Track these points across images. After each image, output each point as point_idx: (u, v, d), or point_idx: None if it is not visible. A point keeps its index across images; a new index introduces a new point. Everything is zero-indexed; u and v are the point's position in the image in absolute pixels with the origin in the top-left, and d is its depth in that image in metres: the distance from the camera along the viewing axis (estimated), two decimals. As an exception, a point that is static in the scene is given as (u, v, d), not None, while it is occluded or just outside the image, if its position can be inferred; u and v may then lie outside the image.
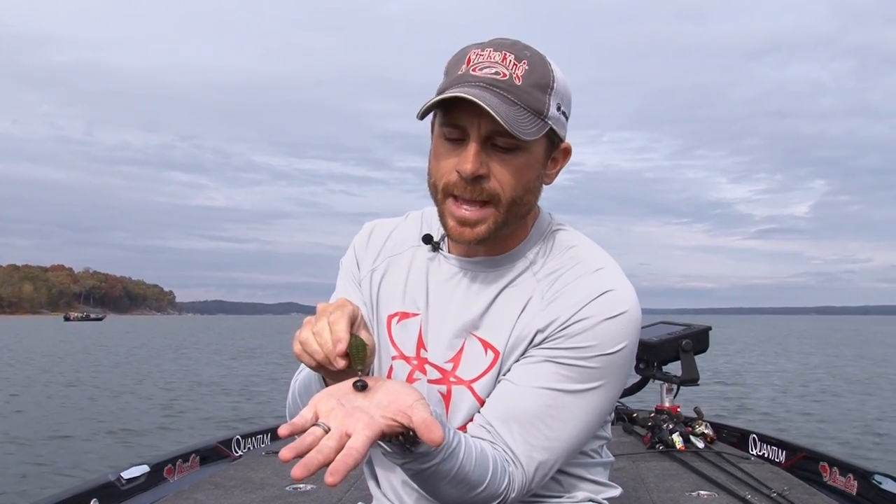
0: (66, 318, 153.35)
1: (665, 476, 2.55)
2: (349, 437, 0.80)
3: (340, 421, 0.82)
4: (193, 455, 2.67)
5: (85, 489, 2.09)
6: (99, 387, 15.22)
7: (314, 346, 0.90)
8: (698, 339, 3.00)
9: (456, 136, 1.03)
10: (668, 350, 3.00)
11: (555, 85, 1.04)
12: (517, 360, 1.08)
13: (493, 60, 1.01)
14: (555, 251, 1.13)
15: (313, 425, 0.83)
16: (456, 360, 1.12)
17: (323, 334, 0.89)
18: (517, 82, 1.00)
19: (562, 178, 1.14)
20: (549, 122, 1.03)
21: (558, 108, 1.05)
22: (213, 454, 2.82)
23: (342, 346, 0.87)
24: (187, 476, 2.58)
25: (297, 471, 0.76)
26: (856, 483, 2.31)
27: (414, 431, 0.84)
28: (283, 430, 0.81)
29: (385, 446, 0.91)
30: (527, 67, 1.01)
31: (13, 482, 6.62)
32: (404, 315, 1.18)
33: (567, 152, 1.13)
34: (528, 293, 1.10)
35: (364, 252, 1.25)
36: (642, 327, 1.12)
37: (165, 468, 2.49)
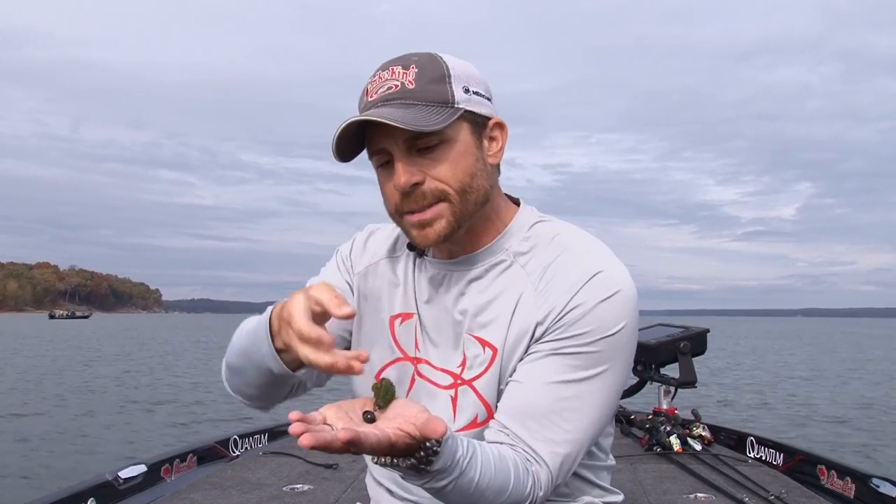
0: (51, 316, 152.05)
1: (662, 478, 2.56)
2: None
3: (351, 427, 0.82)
4: (191, 455, 2.66)
5: (82, 488, 2.08)
6: (95, 385, 15.13)
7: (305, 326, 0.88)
8: (696, 342, 3.00)
9: (384, 159, 1.06)
10: (665, 352, 3.00)
11: (451, 72, 1.06)
12: (521, 359, 1.07)
13: (384, 80, 1.05)
14: (541, 243, 1.13)
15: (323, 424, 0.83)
16: (463, 363, 1.12)
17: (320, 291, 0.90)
18: (410, 87, 1.03)
19: (549, 178, 1.17)
20: (461, 106, 1.05)
21: (466, 91, 1.06)
22: (210, 454, 2.81)
23: (349, 310, 0.87)
24: (184, 476, 2.57)
25: (307, 439, 0.76)
26: (854, 486, 2.32)
27: (430, 442, 0.84)
28: (294, 415, 0.80)
29: (400, 470, 0.90)
30: (416, 70, 1.04)
31: (9, 482, 6.58)
32: (405, 316, 1.18)
33: (501, 126, 1.13)
34: (519, 288, 1.10)
35: (362, 250, 1.27)
36: (640, 329, 1.11)
37: (163, 468, 2.48)
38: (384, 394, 0.87)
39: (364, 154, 1.09)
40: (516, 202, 1.19)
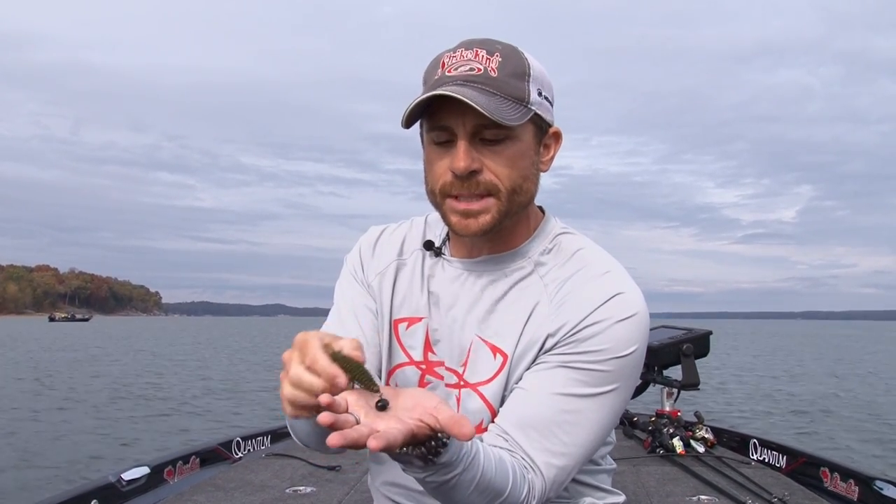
0: (51, 319, 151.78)
1: (665, 480, 2.56)
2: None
3: (371, 419, 0.81)
4: (193, 457, 2.65)
5: (85, 490, 2.08)
6: (98, 387, 15.12)
7: (300, 395, 0.82)
8: (699, 344, 3.01)
9: (444, 138, 1.04)
10: (669, 354, 3.00)
11: (531, 72, 1.05)
12: (528, 367, 1.07)
13: (466, 59, 1.03)
14: (561, 255, 1.13)
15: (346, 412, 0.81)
16: (465, 363, 1.12)
17: (303, 379, 0.82)
18: (493, 74, 1.01)
19: (550, 181, 1.16)
20: (533, 108, 1.04)
21: (539, 94, 1.06)
22: (213, 456, 2.81)
23: (342, 380, 0.81)
24: (187, 478, 2.56)
25: (335, 439, 0.74)
26: (857, 489, 2.32)
27: (441, 434, 0.82)
28: (324, 399, 0.78)
29: (405, 459, 0.88)
30: (500, 59, 1.03)
31: (14, 483, 6.57)
32: (413, 320, 1.17)
33: (557, 136, 1.13)
34: (535, 297, 1.10)
35: (370, 256, 1.24)
36: None
37: (165, 470, 2.48)
38: (363, 378, 0.83)
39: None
40: (540, 210, 1.19)
